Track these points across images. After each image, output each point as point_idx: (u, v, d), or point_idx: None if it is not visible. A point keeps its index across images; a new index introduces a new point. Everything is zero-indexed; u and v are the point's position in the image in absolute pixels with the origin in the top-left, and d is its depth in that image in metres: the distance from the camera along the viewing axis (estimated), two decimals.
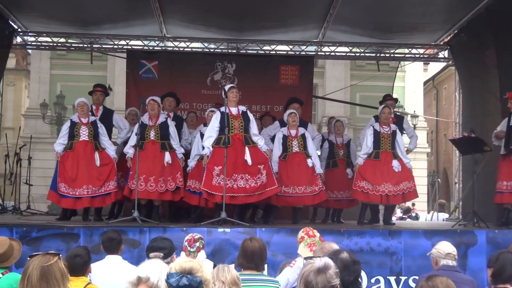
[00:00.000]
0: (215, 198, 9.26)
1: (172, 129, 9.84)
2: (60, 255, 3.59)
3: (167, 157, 9.65)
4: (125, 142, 10.19)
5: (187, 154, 10.17)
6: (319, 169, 10.19)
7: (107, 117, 10.54)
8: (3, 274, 5.00)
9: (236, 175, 9.15)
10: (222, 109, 9.52)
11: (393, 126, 10.39)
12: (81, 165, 9.70)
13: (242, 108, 9.68)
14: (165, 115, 10.06)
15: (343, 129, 11.68)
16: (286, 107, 11.18)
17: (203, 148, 9.50)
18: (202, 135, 9.84)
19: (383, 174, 10.05)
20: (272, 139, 10.61)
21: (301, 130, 10.36)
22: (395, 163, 10.07)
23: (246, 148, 9.31)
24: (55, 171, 9.84)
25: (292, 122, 10.28)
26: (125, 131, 10.48)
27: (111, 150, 9.91)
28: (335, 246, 5.19)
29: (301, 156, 10.13)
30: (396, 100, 11.44)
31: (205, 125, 10.12)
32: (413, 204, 19.11)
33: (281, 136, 10.26)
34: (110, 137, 10.24)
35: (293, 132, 10.28)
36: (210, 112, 10.06)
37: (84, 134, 9.81)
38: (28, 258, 3.60)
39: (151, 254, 5.32)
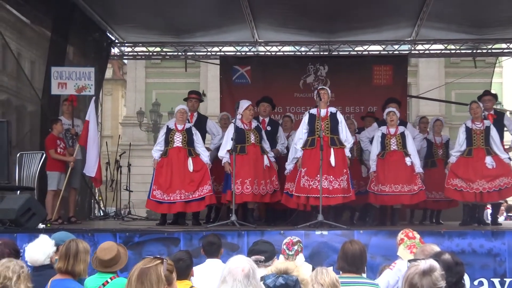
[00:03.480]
0: (299, 199, 9.33)
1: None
2: (166, 260, 3.67)
3: (266, 160, 9.78)
4: (218, 148, 10.30)
5: (285, 158, 10.25)
6: (418, 168, 10.02)
7: (201, 123, 10.71)
8: (111, 279, 5.16)
9: (319, 176, 9.13)
10: (312, 110, 9.56)
11: (487, 122, 10.08)
12: (175, 171, 9.87)
13: (332, 109, 9.65)
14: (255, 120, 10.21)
15: (442, 128, 11.46)
16: (383, 107, 11.05)
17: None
18: None
19: (477, 171, 9.78)
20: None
21: (401, 128, 10.24)
22: (488, 159, 9.78)
23: (332, 150, 9.28)
24: (152, 179, 10.07)
25: (391, 121, 10.19)
26: (218, 137, 10.61)
27: (204, 156, 10.02)
28: (436, 248, 5.11)
29: (399, 155, 10.01)
30: (495, 96, 11.06)
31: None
32: None
33: (379, 134, 10.19)
34: (204, 143, 10.40)
35: (392, 130, 10.17)
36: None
37: (178, 140, 9.98)
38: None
39: (252, 258, 5.36)
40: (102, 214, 13.65)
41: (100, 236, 8.31)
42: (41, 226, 8.74)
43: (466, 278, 8.00)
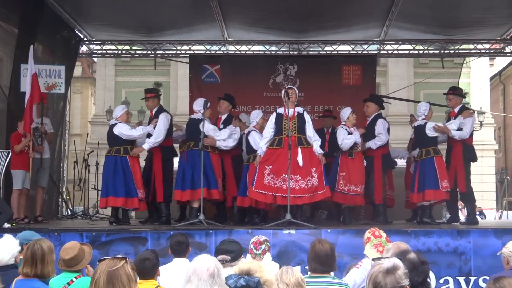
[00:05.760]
0: (266, 198, 9.37)
1: None
2: (128, 259, 3.65)
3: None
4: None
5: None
6: None
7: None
8: (76, 278, 5.13)
9: (286, 176, 9.16)
10: (279, 110, 9.61)
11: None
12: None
13: (299, 109, 9.69)
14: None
15: None
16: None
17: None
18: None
19: None
20: None
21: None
22: None
23: (299, 149, 9.33)
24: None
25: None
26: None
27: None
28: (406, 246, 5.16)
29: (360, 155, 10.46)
30: (458, 93, 10.99)
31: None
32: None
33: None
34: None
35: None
36: None
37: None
38: (98, 263, 3.68)
39: (219, 257, 5.35)
40: (69, 213, 13.51)
41: (67, 236, 8.27)
42: (6, 225, 8.66)
43: (432, 277, 8.10)
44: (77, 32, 13.74)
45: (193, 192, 9.80)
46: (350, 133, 10.22)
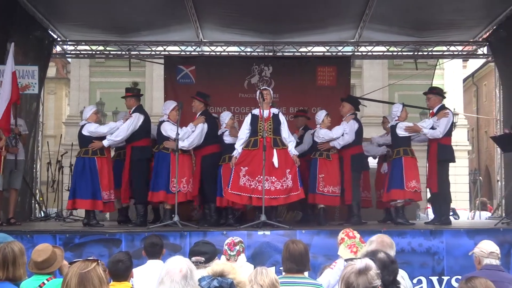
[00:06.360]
0: (241, 199, 9.40)
1: None
2: (99, 261, 3.63)
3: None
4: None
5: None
6: None
7: None
8: (47, 280, 5.09)
9: (261, 177, 9.16)
10: (254, 111, 9.63)
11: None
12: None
13: (274, 110, 9.72)
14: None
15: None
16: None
17: None
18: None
19: None
20: None
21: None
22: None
23: (274, 151, 9.35)
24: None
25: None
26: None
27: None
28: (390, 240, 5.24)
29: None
30: (438, 93, 11.02)
31: None
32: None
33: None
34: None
35: None
36: None
37: None
38: (69, 265, 3.65)
39: (193, 259, 5.35)
40: (43, 215, 13.38)
41: (40, 238, 8.19)
42: None
43: (406, 277, 8.15)
44: (50, 32, 13.61)
45: (152, 194, 9.87)
46: None
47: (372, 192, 11.68)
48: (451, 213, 16.35)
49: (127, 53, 14.73)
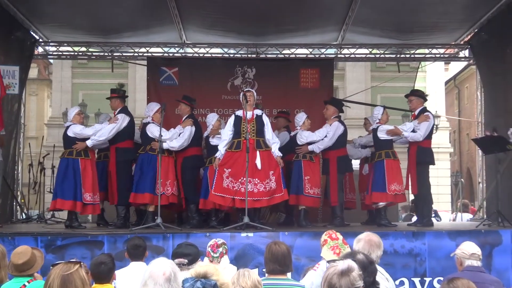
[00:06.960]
0: (225, 201, 9.40)
1: None
2: (82, 264, 3.62)
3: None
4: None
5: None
6: None
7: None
8: (28, 282, 5.06)
9: (244, 179, 9.17)
10: (238, 112, 9.63)
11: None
12: None
13: (258, 112, 9.72)
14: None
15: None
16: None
17: None
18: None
19: None
20: None
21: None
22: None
23: (258, 152, 9.36)
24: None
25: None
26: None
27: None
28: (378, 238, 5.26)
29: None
30: (419, 95, 11.06)
31: None
32: None
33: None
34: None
35: None
36: None
37: None
38: (51, 267, 3.63)
39: (176, 261, 5.33)
40: (24, 217, 13.28)
41: (21, 240, 8.14)
42: None
43: (391, 279, 8.18)
44: (32, 33, 13.51)
45: (136, 195, 9.90)
46: None
47: (357, 194, 11.72)
48: (433, 215, 16.46)
49: (109, 54, 14.66)
